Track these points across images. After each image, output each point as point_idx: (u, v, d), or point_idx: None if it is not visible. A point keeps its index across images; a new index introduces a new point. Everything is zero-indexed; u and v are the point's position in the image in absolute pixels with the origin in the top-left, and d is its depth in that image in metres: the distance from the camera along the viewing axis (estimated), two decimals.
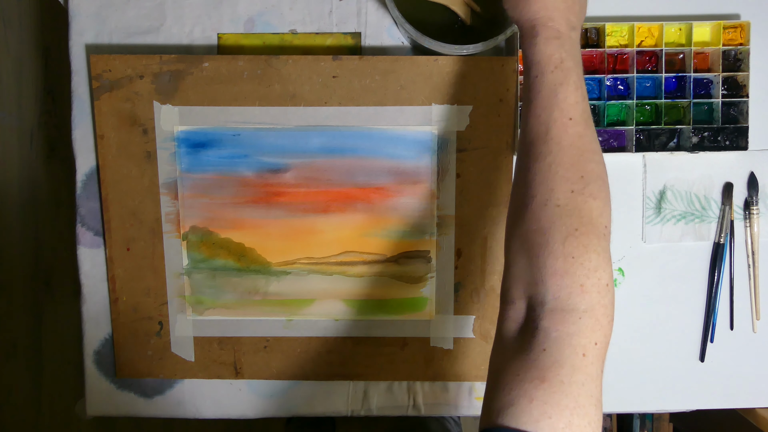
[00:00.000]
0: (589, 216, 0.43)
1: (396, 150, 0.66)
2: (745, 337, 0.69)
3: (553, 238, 0.42)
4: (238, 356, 0.69)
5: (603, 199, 0.44)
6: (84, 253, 0.69)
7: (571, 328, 0.40)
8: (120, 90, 0.65)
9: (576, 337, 0.40)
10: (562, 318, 0.41)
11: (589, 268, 0.42)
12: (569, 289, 0.41)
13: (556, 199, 0.43)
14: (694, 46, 0.65)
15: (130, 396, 0.71)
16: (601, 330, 0.41)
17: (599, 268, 0.42)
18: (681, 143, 0.67)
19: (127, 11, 0.67)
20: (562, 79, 0.46)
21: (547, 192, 0.44)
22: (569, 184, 0.44)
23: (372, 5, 0.67)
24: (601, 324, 0.41)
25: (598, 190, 0.44)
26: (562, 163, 0.44)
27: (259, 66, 0.65)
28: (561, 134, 0.45)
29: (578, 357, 0.40)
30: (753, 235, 0.68)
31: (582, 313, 0.41)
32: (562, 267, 0.42)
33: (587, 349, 0.40)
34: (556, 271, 0.42)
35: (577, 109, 0.45)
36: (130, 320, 0.69)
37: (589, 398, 0.39)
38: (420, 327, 0.68)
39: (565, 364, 0.40)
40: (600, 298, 0.41)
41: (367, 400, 0.70)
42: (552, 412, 0.38)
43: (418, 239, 0.67)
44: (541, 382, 0.39)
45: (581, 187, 0.43)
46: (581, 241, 0.42)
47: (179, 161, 0.66)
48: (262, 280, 0.68)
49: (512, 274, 0.45)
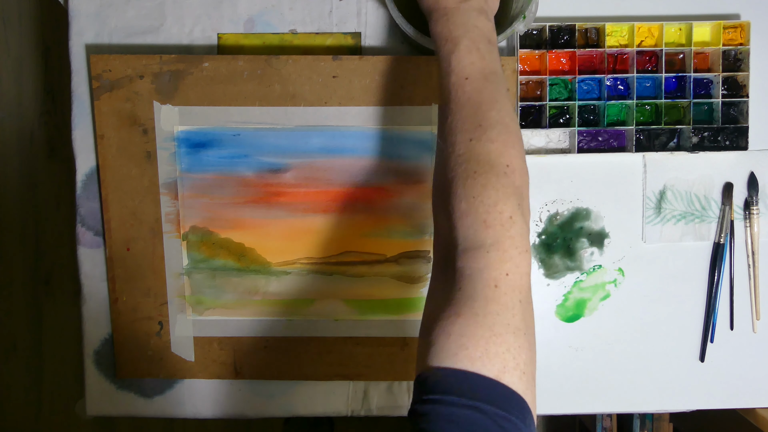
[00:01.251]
0: (486, 158, 0.45)
1: (396, 150, 0.66)
2: (745, 337, 0.69)
3: (456, 184, 0.45)
4: (238, 356, 0.69)
5: (502, 141, 0.46)
6: (84, 253, 0.69)
7: (481, 262, 0.42)
8: (120, 90, 0.65)
9: (486, 270, 0.42)
10: (473, 255, 0.43)
11: (488, 204, 0.43)
12: (474, 227, 0.43)
13: (458, 150, 0.46)
14: (694, 46, 0.65)
15: (130, 396, 0.71)
16: (510, 261, 0.42)
17: (499, 202, 0.44)
18: (681, 143, 0.67)
19: (127, 11, 0.67)
20: (452, 48, 0.49)
21: (450, 146, 0.47)
22: (467, 134, 0.46)
23: (372, 5, 0.67)
24: (510, 255, 0.42)
25: (497, 134, 0.46)
26: (460, 118, 0.47)
27: (259, 66, 0.65)
28: (459, 94, 0.48)
29: (490, 289, 0.41)
30: (753, 235, 0.68)
31: (489, 247, 0.42)
32: (465, 207, 0.44)
33: (499, 281, 0.42)
34: (462, 212, 0.44)
35: (473, 68, 0.48)
36: (130, 320, 0.69)
37: (505, 327, 0.40)
38: None
39: (478, 297, 0.41)
40: (504, 231, 0.43)
41: (367, 400, 0.70)
42: (468, 344, 0.39)
43: (418, 239, 0.67)
44: (457, 317, 0.41)
45: (479, 134, 0.46)
46: (479, 181, 0.44)
47: (179, 161, 0.66)
48: (262, 280, 0.68)
49: (436, 232, 0.48)
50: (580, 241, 0.68)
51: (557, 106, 0.66)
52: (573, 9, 0.67)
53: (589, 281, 0.69)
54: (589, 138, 0.67)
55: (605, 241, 0.68)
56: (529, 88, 0.66)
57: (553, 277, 0.69)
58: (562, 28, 0.65)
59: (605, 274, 0.69)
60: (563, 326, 0.69)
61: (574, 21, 0.66)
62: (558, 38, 0.66)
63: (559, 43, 0.66)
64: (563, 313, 0.69)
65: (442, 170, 0.47)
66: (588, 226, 0.68)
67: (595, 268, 0.69)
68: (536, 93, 0.66)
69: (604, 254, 0.69)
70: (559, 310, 0.69)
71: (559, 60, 0.66)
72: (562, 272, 0.68)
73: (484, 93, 0.48)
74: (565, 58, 0.66)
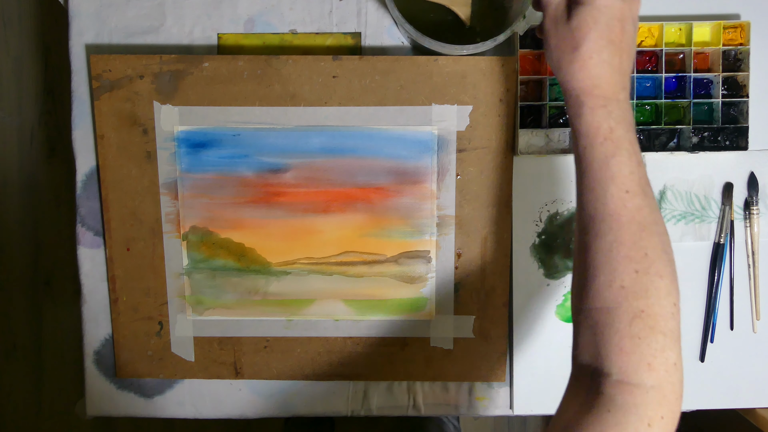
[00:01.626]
0: (656, 296, 0.42)
1: (396, 150, 0.66)
2: (745, 337, 0.69)
3: (619, 319, 0.42)
4: (238, 356, 0.69)
5: (669, 275, 0.43)
6: (84, 253, 0.69)
7: (638, 399, 0.41)
8: (120, 90, 0.65)
9: (642, 407, 0.40)
10: (629, 390, 0.41)
11: (656, 348, 0.41)
12: (636, 366, 0.41)
13: (620, 280, 0.43)
14: (694, 46, 0.65)
15: (130, 396, 0.71)
16: (668, 406, 0.41)
17: (667, 348, 0.41)
18: (681, 143, 0.67)
19: (127, 11, 0.67)
20: (614, 150, 0.44)
21: (611, 272, 0.43)
22: (633, 264, 0.43)
23: (372, 5, 0.67)
24: (669, 400, 0.41)
25: (663, 266, 0.43)
26: (623, 241, 0.43)
27: (259, 66, 0.65)
28: (619, 210, 0.43)
29: (643, 425, 0.40)
30: (753, 235, 0.68)
31: (649, 389, 0.41)
32: (629, 346, 0.41)
33: (653, 421, 0.40)
34: (622, 349, 0.42)
35: (633, 179, 0.44)
36: (130, 320, 0.69)
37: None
38: (420, 327, 0.68)
39: (629, 428, 0.40)
40: (668, 376, 0.41)
41: (367, 400, 0.70)
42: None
43: (418, 239, 0.67)
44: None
45: (646, 267, 0.42)
46: (647, 323, 0.42)
47: (179, 161, 0.66)
48: (262, 280, 0.68)
49: (579, 343, 0.45)
50: None
51: (557, 106, 0.66)
52: None
53: None
54: None
55: None
56: (529, 88, 0.66)
57: (553, 277, 0.69)
58: None
59: None
60: (563, 326, 0.69)
61: None
62: None
63: None
64: (563, 313, 0.69)
65: (597, 295, 0.43)
66: None
67: None
68: (536, 93, 0.66)
69: None
70: (559, 310, 0.69)
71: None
72: (562, 272, 0.68)
73: (644, 211, 0.43)
74: None
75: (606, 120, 0.45)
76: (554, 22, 0.47)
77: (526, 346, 0.69)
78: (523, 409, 0.69)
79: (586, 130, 0.45)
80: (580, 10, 0.46)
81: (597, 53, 0.45)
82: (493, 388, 0.70)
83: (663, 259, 0.43)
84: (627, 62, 0.47)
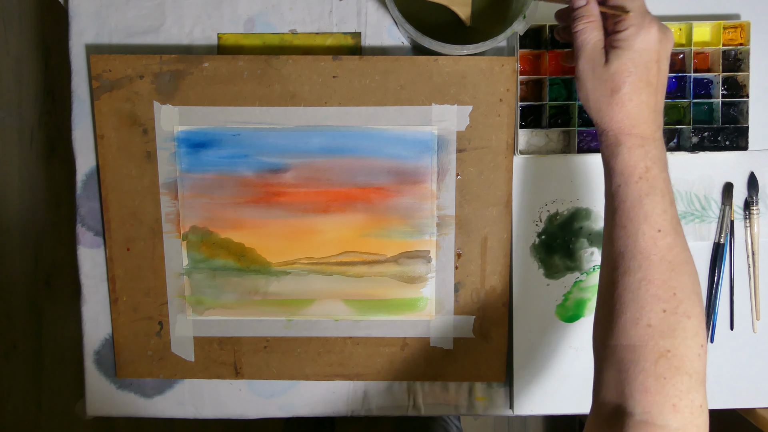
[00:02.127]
0: (683, 336, 0.42)
1: (396, 150, 0.66)
2: (745, 337, 0.69)
3: (645, 357, 0.42)
4: (238, 356, 0.69)
5: (697, 316, 0.43)
6: (84, 253, 0.69)
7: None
8: (120, 90, 0.65)
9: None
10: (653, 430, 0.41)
11: (681, 389, 0.41)
12: (660, 407, 0.41)
13: (647, 318, 0.43)
14: (694, 46, 0.65)
15: (130, 396, 0.71)
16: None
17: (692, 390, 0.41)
18: (681, 143, 0.67)
19: (127, 11, 0.67)
20: (648, 189, 0.44)
21: (638, 310, 0.43)
22: (661, 303, 0.43)
23: (372, 5, 0.67)
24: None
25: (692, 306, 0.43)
26: (653, 279, 0.43)
27: (259, 66, 0.65)
28: (650, 248, 0.43)
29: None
30: (753, 235, 0.68)
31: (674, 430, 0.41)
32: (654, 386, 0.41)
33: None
34: (647, 389, 0.41)
35: (665, 218, 0.44)
36: (130, 320, 0.69)
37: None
38: (420, 327, 0.68)
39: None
40: (693, 419, 0.41)
41: (367, 401, 0.70)
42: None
43: (418, 239, 0.67)
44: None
45: (674, 306, 0.42)
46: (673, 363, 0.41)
47: (179, 161, 0.66)
48: (262, 280, 0.68)
49: (602, 379, 0.45)
50: (580, 241, 0.68)
51: (557, 106, 0.66)
52: None
53: (589, 281, 0.68)
54: (589, 138, 0.67)
55: None
56: (529, 88, 0.66)
57: (553, 277, 0.69)
58: (562, 28, 0.65)
59: None
60: (563, 326, 0.69)
61: None
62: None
63: (559, 43, 0.66)
64: (563, 313, 0.69)
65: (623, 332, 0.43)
66: (588, 226, 0.68)
67: (595, 268, 0.68)
68: (536, 93, 0.66)
69: None
70: (559, 310, 0.69)
71: (559, 60, 0.66)
72: (562, 272, 0.68)
73: (675, 250, 0.44)
74: None
75: (643, 159, 0.45)
76: (591, 65, 0.47)
77: (526, 346, 0.69)
78: (523, 409, 0.69)
79: (622, 168, 0.46)
80: (618, 54, 0.46)
81: (636, 95, 0.46)
82: (493, 388, 0.70)
83: (692, 299, 0.43)
84: (662, 101, 0.48)
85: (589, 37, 0.47)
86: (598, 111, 0.47)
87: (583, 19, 0.47)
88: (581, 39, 0.48)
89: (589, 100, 0.48)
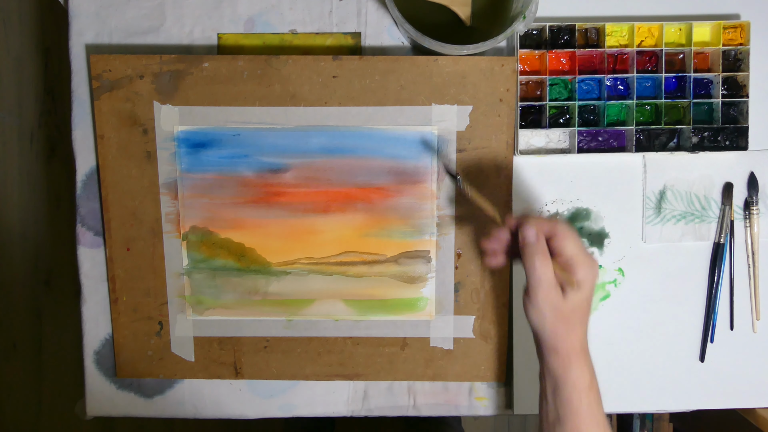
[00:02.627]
0: None
1: (396, 150, 0.66)
2: (745, 337, 0.69)
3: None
4: (238, 356, 0.69)
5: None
6: (84, 253, 0.69)
7: None
8: (120, 90, 0.65)
9: None
10: None
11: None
12: None
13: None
14: (694, 46, 0.65)
15: (130, 396, 0.71)
16: None
17: None
18: (681, 143, 0.67)
19: (127, 11, 0.67)
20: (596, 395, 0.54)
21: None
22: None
23: (372, 5, 0.67)
24: None
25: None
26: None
27: (259, 66, 0.65)
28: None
29: None
30: (753, 235, 0.68)
31: None
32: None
33: None
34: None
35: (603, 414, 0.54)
36: (130, 320, 0.69)
37: None
38: (420, 327, 0.68)
39: None
40: None
41: (367, 401, 0.70)
42: None
43: (418, 239, 0.67)
44: None
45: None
46: None
47: (179, 161, 0.66)
48: (262, 280, 0.68)
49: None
50: None
51: (557, 106, 0.66)
52: (573, 9, 0.67)
53: None
54: (589, 138, 0.67)
55: (605, 241, 0.68)
56: (529, 88, 0.66)
57: None
58: (562, 28, 0.65)
59: (605, 274, 0.69)
60: None
61: (574, 21, 0.66)
62: (558, 38, 0.66)
63: (559, 43, 0.66)
64: None
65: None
66: (588, 226, 0.68)
67: None
68: (536, 93, 0.66)
69: (604, 254, 0.69)
70: None
71: (559, 60, 0.66)
72: None
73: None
74: (565, 58, 0.66)
75: (590, 371, 0.54)
76: (550, 299, 0.52)
77: (526, 346, 0.69)
78: (523, 409, 0.69)
79: (574, 381, 0.53)
80: (575, 295, 0.52)
81: (585, 321, 0.54)
82: (493, 388, 0.70)
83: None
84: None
85: (546, 274, 0.52)
86: (554, 335, 0.53)
87: (539, 256, 0.52)
88: (538, 274, 0.52)
89: (546, 327, 0.53)
